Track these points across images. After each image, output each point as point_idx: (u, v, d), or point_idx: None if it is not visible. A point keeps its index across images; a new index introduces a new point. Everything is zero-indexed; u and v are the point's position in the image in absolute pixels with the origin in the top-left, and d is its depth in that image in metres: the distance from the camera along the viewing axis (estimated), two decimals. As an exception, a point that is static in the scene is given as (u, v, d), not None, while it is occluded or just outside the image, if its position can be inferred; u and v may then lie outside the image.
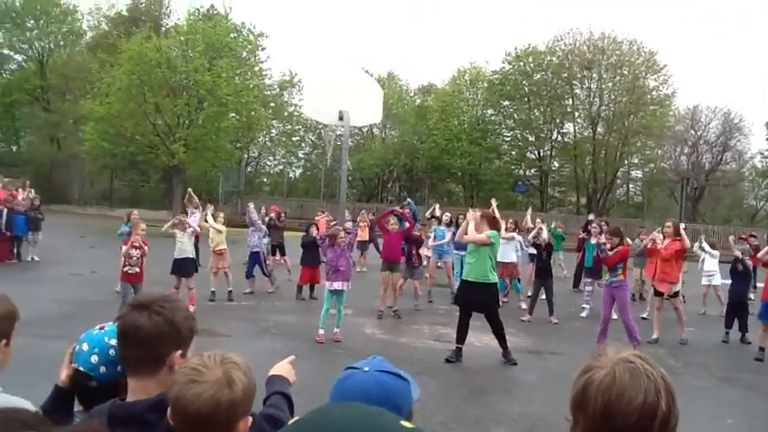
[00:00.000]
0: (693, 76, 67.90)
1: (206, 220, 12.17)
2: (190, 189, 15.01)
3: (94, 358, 1.95)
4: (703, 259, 13.02)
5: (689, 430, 5.94)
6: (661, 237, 10.33)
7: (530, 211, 15.20)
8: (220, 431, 1.53)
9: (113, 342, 1.92)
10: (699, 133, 41.46)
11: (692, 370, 8.52)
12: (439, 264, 13.31)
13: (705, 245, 12.93)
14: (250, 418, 1.58)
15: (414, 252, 11.96)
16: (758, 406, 7.18)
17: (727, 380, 8.19)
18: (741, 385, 7.96)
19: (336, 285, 9.05)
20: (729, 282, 11.05)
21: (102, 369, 1.95)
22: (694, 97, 59.90)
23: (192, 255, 10.93)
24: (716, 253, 12.83)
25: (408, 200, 15.83)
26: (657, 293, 10.26)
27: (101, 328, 2.03)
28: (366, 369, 1.60)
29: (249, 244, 12.95)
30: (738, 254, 10.85)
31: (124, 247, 9.54)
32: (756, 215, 42.26)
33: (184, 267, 10.68)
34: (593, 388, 1.33)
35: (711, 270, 12.74)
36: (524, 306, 11.91)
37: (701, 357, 9.30)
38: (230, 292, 11.85)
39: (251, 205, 13.56)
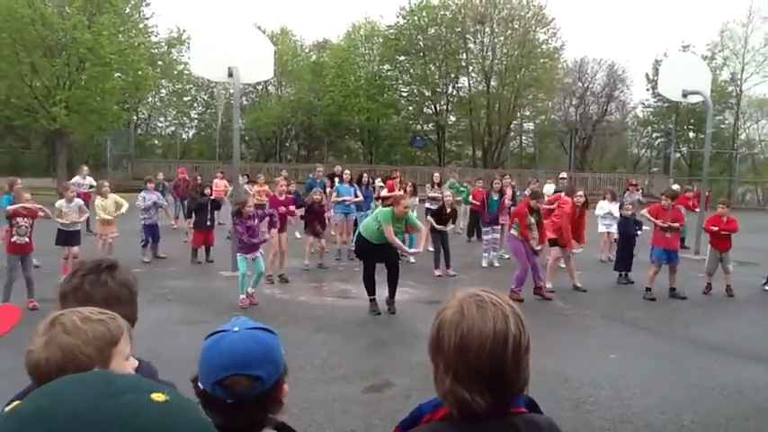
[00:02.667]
0: (580, 29, 70.32)
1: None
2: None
3: None
4: (602, 208, 13.40)
5: (576, 366, 6.29)
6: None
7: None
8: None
9: None
10: (586, 85, 43.17)
11: (580, 311, 8.98)
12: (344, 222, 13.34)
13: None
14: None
15: (318, 222, 11.81)
16: (637, 340, 7.67)
17: (611, 318, 8.70)
18: (624, 322, 8.48)
19: (250, 257, 8.86)
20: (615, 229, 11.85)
21: None
22: (581, 50, 61.96)
23: (79, 226, 10.38)
24: (614, 205, 13.29)
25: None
26: (554, 244, 10.44)
27: None
28: (236, 329, 1.54)
29: (147, 208, 12.32)
30: (629, 213, 11.50)
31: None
32: (639, 162, 44.75)
33: (72, 238, 10.14)
34: (444, 327, 1.37)
35: (609, 218, 13.12)
36: (413, 260, 12.16)
37: (588, 299, 9.80)
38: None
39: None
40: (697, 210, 14.88)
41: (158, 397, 0.65)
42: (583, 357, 6.78)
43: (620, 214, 11.78)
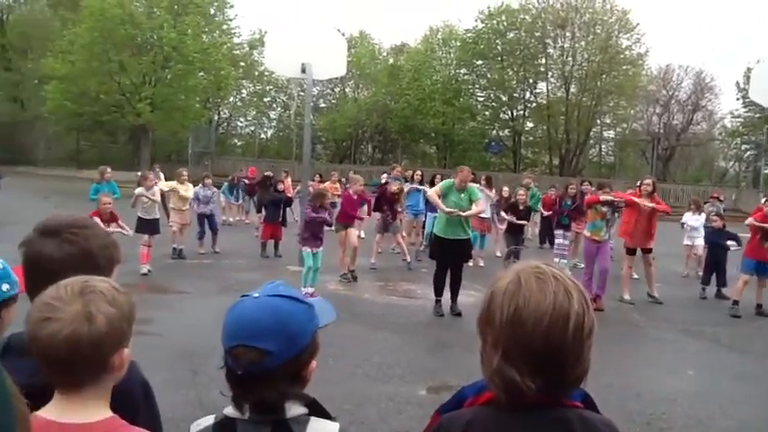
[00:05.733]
0: (666, 35, 67.95)
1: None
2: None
3: None
4: (684, 222, 12.61)
5: (650, 381, 5.89)
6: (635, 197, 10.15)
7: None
8: (89, 368, 1.30)
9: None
10: (670, 93, 41.62)
11: (656, 324, 8.50)
12: (414, 223, 13.36)
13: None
14: (126, 350, 1.35)
15: (388, 209, 11.87)
16: (718, 357, 7.17)
17: (690, 333, 8.17)
18: (703, 338, 7.95)
19: (313, 250, 8.93)
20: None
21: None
22: (667, 57, 59.97)
23: (158, 215, 10.65)
24: (701, 216, 12.47)
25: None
26: (631, 252, 9.87)
27: None
28: (256, 295, 1.40)
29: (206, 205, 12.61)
30: (720, 225, 10.83)
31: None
32: (726, 175, 42.72)
33: (151, 226, 10.38)
34: (498, 297, 1.20)
35: (694, 231, 12.29)
36: (482, 264, 11.80)
37: (666, 312, 9.27)
38: (181, 249, 11.62)
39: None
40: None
41: None
42: (657, 372, 6.36)
43: (706, 226, 11.15)
